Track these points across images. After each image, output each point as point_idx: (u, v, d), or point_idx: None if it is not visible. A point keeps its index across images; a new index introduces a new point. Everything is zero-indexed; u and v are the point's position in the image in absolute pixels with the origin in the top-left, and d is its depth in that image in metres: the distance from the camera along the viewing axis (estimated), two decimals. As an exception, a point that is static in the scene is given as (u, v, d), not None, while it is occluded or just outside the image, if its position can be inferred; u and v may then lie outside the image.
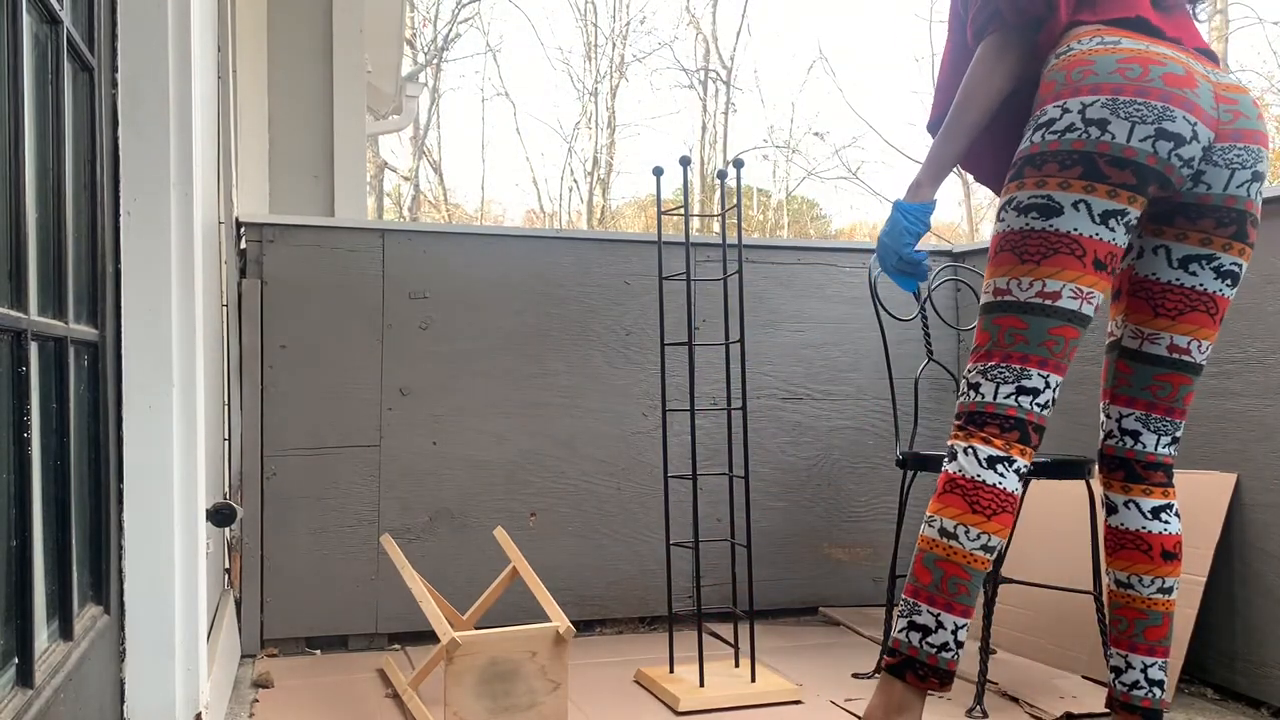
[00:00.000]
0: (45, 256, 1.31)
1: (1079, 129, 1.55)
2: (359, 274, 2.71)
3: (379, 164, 14.94)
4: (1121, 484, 1.75)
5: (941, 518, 1.61)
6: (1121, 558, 1.74)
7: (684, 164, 2.47)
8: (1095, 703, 2.20)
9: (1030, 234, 1.58)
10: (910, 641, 1.61)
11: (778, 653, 2.64)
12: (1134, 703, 1.72)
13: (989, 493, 1.58)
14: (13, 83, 1.13)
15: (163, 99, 1.63)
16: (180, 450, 1.67)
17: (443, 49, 17.67)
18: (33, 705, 1.10)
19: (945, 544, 1.59)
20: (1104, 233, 1.56)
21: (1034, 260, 1.58)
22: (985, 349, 1.63)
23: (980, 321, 1.66)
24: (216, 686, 1.94)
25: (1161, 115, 1.53)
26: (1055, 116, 1.58)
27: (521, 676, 2.00)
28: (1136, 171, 1.54)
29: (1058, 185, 1.56)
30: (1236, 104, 1.61)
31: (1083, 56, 1.59)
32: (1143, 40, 1.58)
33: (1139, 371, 1.73)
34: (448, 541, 2.76)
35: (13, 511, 1.14)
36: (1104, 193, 1.55)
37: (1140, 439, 1.74)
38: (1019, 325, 1.59)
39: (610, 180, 18.90)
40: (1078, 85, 1.57)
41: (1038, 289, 1.58)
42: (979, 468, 1.59)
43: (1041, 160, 1.58)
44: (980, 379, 1.63)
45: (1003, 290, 1.61)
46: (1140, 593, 1.73)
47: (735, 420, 2.75)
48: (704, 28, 18.47)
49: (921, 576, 1.62)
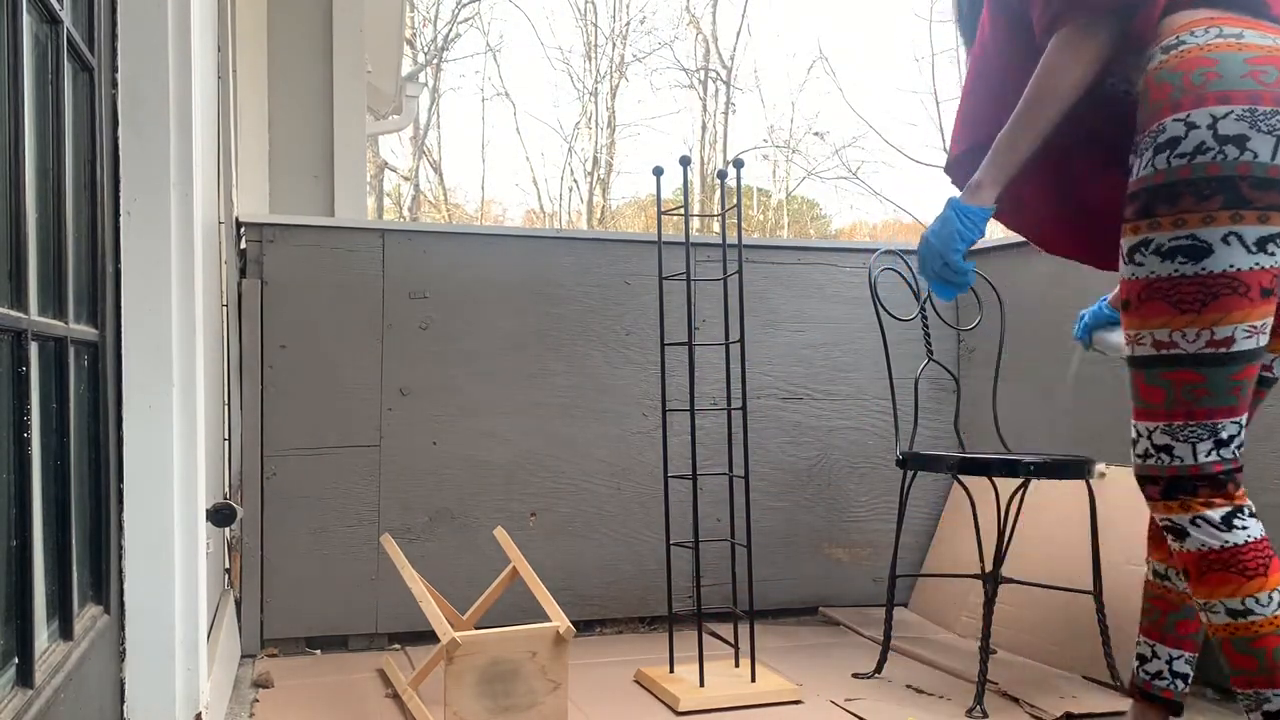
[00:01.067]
0: (45, 256, 1.31)
1: (1212, 149, 1.38)
2: (359, 274, 2.71)
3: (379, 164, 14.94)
4: (1180, 503, 1.62)
5: (1222, 600, 1.48)
6: (1164, 549, 1.71)
7: (684, 164, 2.47)
8: (1095, 703, 2.20)
9: (1182, 280, 1.43)
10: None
11: (778, 653, 2.64)
12: (1155, 692, 1.69)
13: (1249, 551, 1.47)
14: (13, 83, 1.13)
15: (163, 99, 1.63)
16: (180, 450, 1.67)
17: (443, 49, 17.67)
18: (33, 705, 1.10)
19: (1245, 624, 1.46)
20: (1263, 259, 1.41)
21: (1194, 309, 1.43)
22: (1164, 408, 1.50)
23: (1142, 374, 1.53)
24: (216, 686, 1.94)
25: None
26: (1179, 134, 1.40)
27: (521, 676, 2.00)
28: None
29: (1200, 221, 1.40)
30: None
31: (1200, 54, 1.41)
32: (1268, 32, 1.42)
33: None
34: (448, 541, 2.76)
35: (13, 511, 1.14)
36: (1254, 219, 1.39)
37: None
38: (1196, 379, 1.46)
39: (610, 180, 18.89)
40: (1202, 92, 1.39)
41: (1206, 338, 1.44)
42: (1220, 533, 1.48)
43: (1173, 193, 1.41)
44: (1170, 440, 1.51)
45: (1165, 343, 1.47)
46: (1176, 586, 1.70)
47: (735, 420, 2.75)
48: (704, 28, 18.47)
49: (1246, 664, 1.48)
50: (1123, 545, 2.44)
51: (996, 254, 3.06)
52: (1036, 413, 2.87)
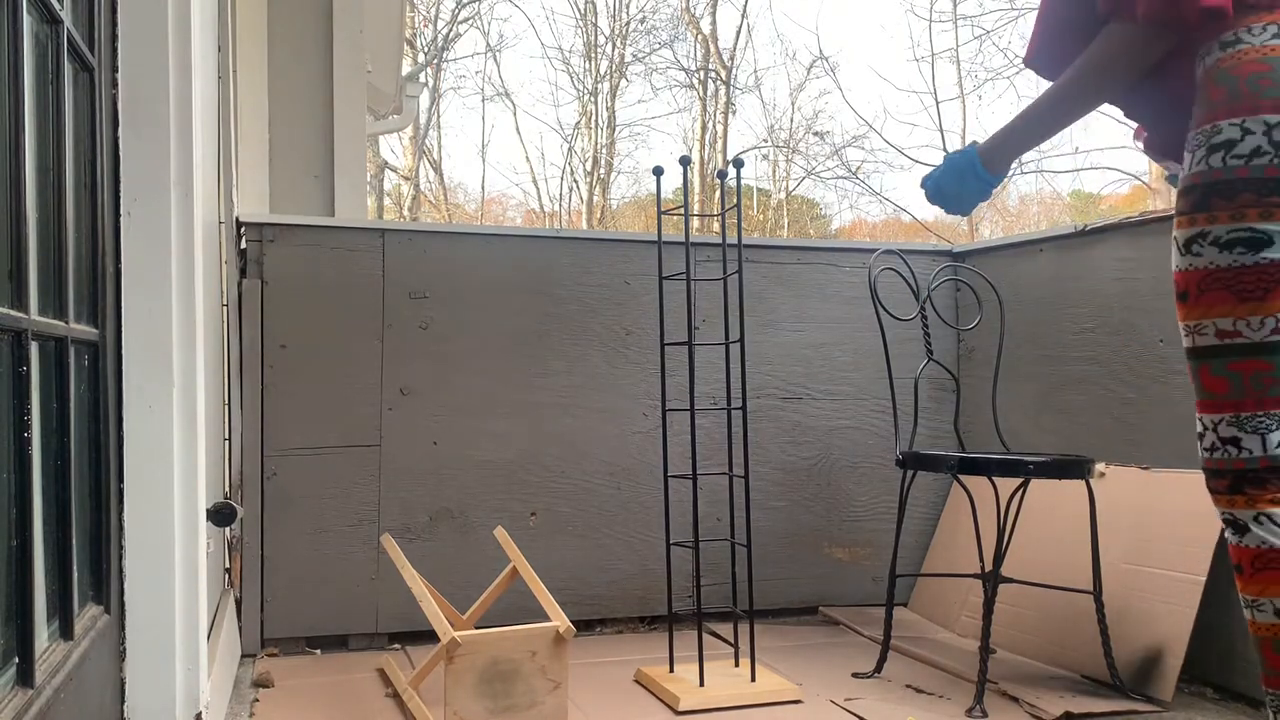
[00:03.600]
0: (45, 256, 1.31)
1: (1269, 153, 1.42)
2: (359, 274, 2.71)
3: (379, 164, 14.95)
4: (1246, 498, 1.53)
5: (1272, 599, 1.47)
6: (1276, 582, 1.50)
7: (684, 164, 2.48)
8: (1095, 703, 2.20)
9: (1243, 270, 1.45)
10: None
11: (778, 652, 2.64)
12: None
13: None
14: (13, 83, 1.13)
15: (163, 99, 1.63)
16: (180, 450, 1.67)
17: (443, 49, 17.68)
18: (33, 705, 1.10)
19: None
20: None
21: (1257, 297, 1.45)
22: (1230, 398, 1.49)
23: (1207, 366, 1.51)
24: (216, 686, 1.94)
25: None
26: (1235, 138, 1.44)
27: (521, 676, 2.00)
28: None
29: (1259, 215, 1.43)
30: None
31: (1256, 58, 1.44)
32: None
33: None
34: (448, 541, 2.76)
35: (13, 511, 1.14)
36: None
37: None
38: (1264, 367, 1.46)
39: (610, 180, 18.89)
40: (1257, 100, 1.42)
41: (1271, 325, 1.45)
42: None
43: (1233, 189, 1.45)
44: (1238, 432, 1.48)
45: (1230, 332, 1.48)
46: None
47: (735, 420, 2.75)
48: (704, 28, 18.47)
49: (1277, 664, 1.49)
50: (1123, 545, 2.44)
51: (996, 254, 3.06)
52: (1036, 413, 2.87)
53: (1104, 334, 2.66)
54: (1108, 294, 2.65)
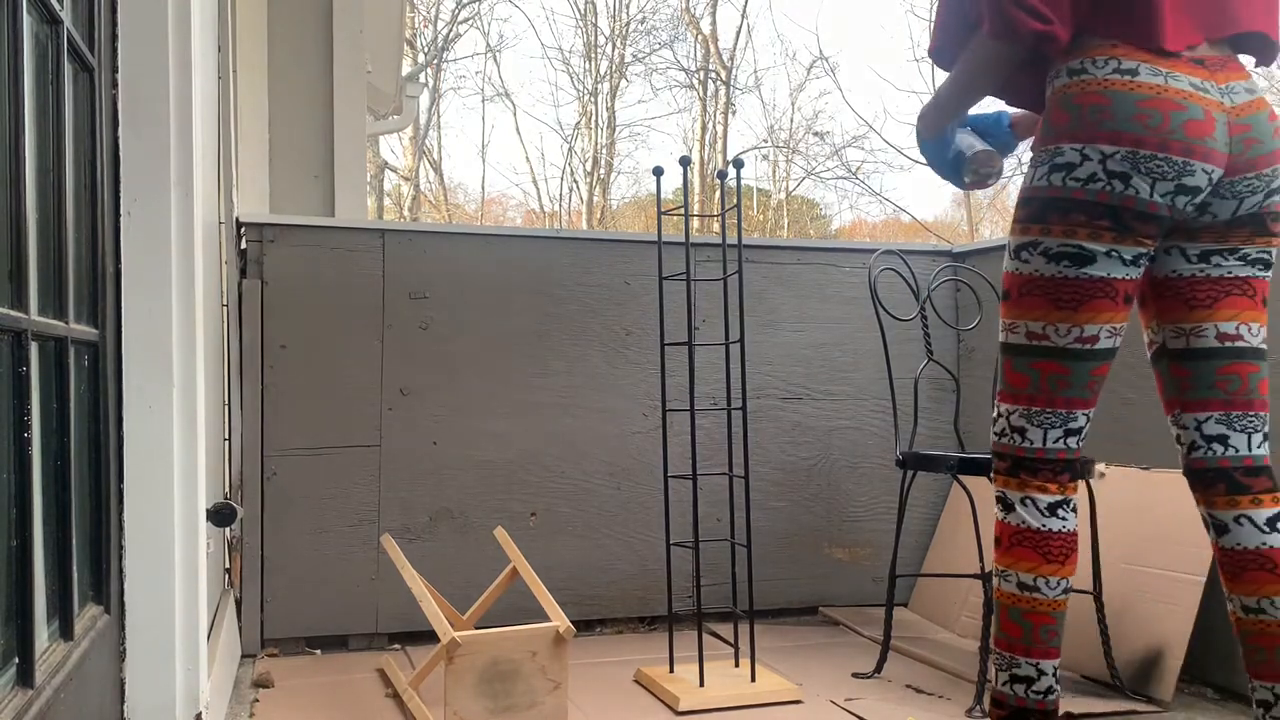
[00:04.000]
0: (45, 256, 1.31)
1: (1102, 180, 1.52)
2: (359, 274, 2.71)
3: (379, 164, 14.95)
4: (1226, 498, 1.61)
5: (1017, 572, 1.62)
6: (1246, 581, 1.58)
7: (684, 164, 2.48)
8: (1095, 702, 2.20)
9: (1065, 281, 1.57)
10: (1016, 693, 1.64)
11: (778, 652, 2.64)
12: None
13: (1058, 539, 1.61)
14: (13, 83, 1.13)
15: (163, 99, 1.63)
16: (180, 450, 1.67)
17: (443, 49, 17.68)
18: (33, 705, 1.10)
19: (1029, 597, 1.61)
20: (1133, 271, 1.58)
21: (1070, 307, 1.57)
22: (1026, 392, 1.63)
23: (1011, 361, 1.64)
24: (216, 686, 1.94)
25: (1181, 171, 1.51)
26: (1075, 161, 1.54)
27: (521, 676, 2.00)
28: (1158, 223, 1.55)
29: (1088, 236, 1.55)
30: (1250, 129, 1.54)
31: (1097, 89, 1.53)
32: (1161, 65, 1.51)
33: (1198, 370, 1.62)
34: (448, 541, 2.76)
35: (13, 511, 1.14)
36: (1131, 241, 1.55)
37: (1229, 442, 1.61)
38: (1062, 370, 1.60)
39: (610, 180, 18.90)
40: (1095, 130, 1.52)
41: (1076, 334, 1.58)
42: (1043, 517, 1.61)
43: (1068, 207, 1.55)
44: (1025, 424, 1.63)
45: (1039, 335, 1.60)
46: (1274, 616, 1.58)
47: (735, 420, 2.75)
48: (704, 28, 18.48)
49: (1011, 630, 1.64)
50: (1123, 545, 2.44)
51: (996, 254, 3.06)
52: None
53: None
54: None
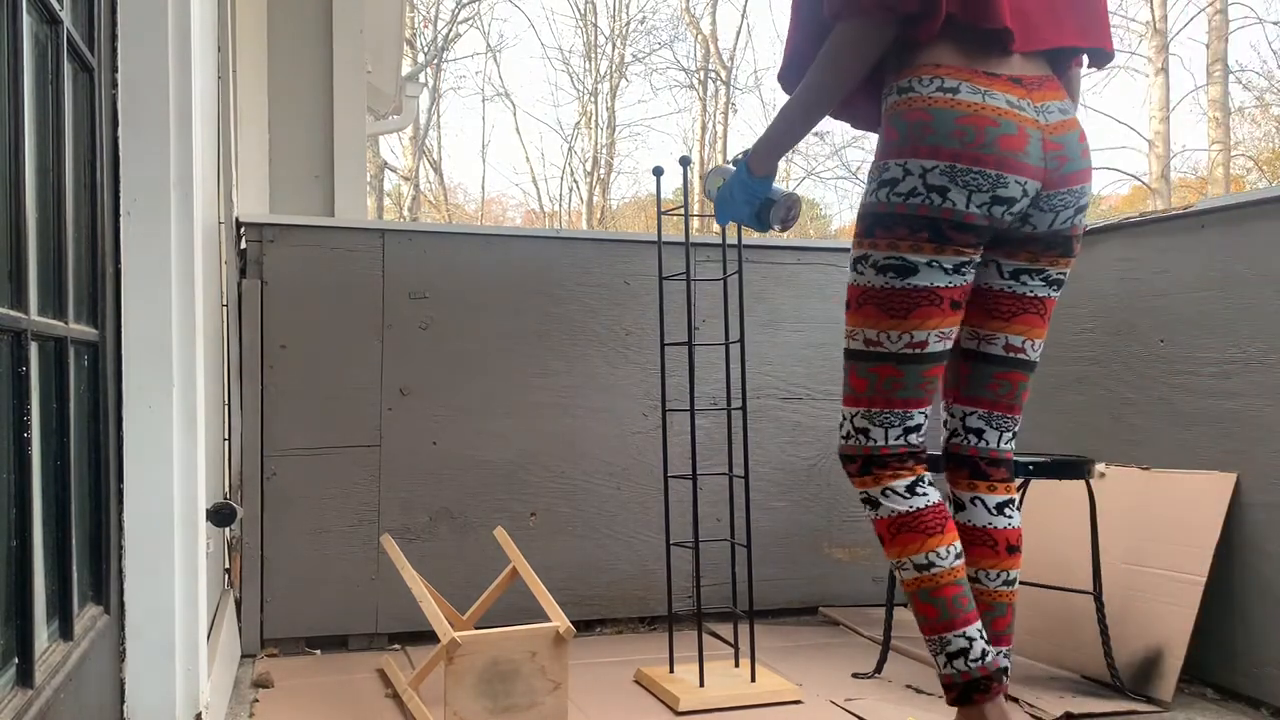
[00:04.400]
0: (45, 256, 1.31)
1: (922, 194, 1.61)
2: (359, 274, 2.71)
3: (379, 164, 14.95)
4: (967, 481, 1.82)
5: (909, 557, 1.70)
6: (970, 554, 1.80)
7: (684, 164, 2.47)
8: (1095, 703, 2.20)
9: (892, 292, 1.66)
10: (959, 669, 1.70)
11: (778, 653, 2.64)
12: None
13: (929, 514, 1.69)
14: (13, 83, 1.13)
15: (163, 99, 1.63)
16: (180, 450, 1.67)
17: (443, 49, 17.68)
18: (33, 705, 1.10)
19: (930, 575, 1.68)
20: (956, 279, 1.66)
21: (900, 315, 1.67)
22: (866, 395, 1.73)
23: (854, 367, 1.74)
24: (216, 686, 1.94)
25: (995, 183, 1.60)
26: (898, 177, 1.63)
27: (521, 676, 2.00)
28: (976, 232, 1.64)
29: (909, 249, 1.64)
30: (1062, 149, 1.66)
31: (922, 107, 1.62)
32: (980, 84, 1.61)
33: (977, 370, 1.80)
34: (448, 541, 2.76)
35: (13, 511, 1.14)
36: (951, 251, 1.64)
37: (984, 436, 1.81)
38: (896, 374, 1.70)
39: (610, 180, 18.90)
40: (917, 145, 1.61)
41: (906, 340, 1.68)
42: (907, 499, 1.70)
43: (892, 222, 1.64)
44: (868, 424, 1.73)
45: (874, 341, 1.70)
46: (988, 586, 1.79)
47: (735, 420, 2.75)
48: (704, 28, 18.48)
49: (929, 612, 1.70)
50: (1123, 545, 2.44)
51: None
52: (1036, 413, 2.87)
53: (1104, 334, 2.66)
54: (1108, 294, 2.65)
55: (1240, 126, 15.84)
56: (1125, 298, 2.60)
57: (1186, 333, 2.42)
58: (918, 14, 1.59)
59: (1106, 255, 2.66)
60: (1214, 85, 14.27)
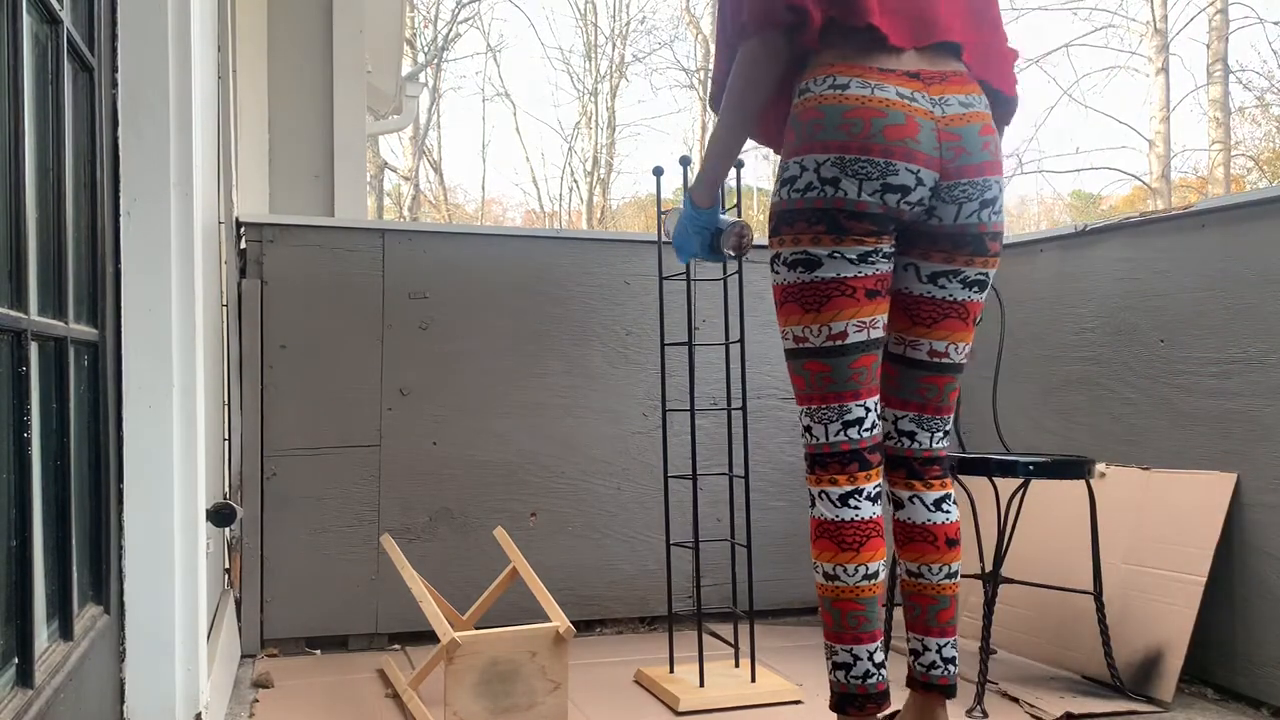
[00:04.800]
0: (45, 256, 1.31)
1: (817, 187, 1.66)
2: (359, 274, 2.71)
3: (379, 164, 14.95)
4: (904, 481, 1.84)
5: (821, 563, 1.73)
6: (911, 550, 1.83)
7: (684, 164, 2.47)
8: (1095, 703, 2.20)
9: (804, 286, 1.69)
10: (839, 680, 1.75)
11: (778, 653, 2.64)
12: (932, 681, 1.82)
13: (850, 528, 1.70)
14: (13, 83, 1.13)
15: (163, 99, 1.63)
16: (180, 450, 1.67)
17: (443, 49, 17.68)
18: (33, 705, 1.10)
19: (832, 586, 1.72)
20: (865, 268, 1.68)
21: (815, 309, 1.69)
22: (805, 393, 1.75)
23: (791, 366, 1.77)
24: (216, 686, 1.94)
25: (885, 171, 1.63)
26: (796, 174, 1.68)
27: (521, 676, 2.00)
28: (873, 219, 1.66)
29: (810, 241, 1.67)
30: (959, 139, 1.68)
31: (814, 105, 1.67)
32: (871, 79, 1.65)
33: (904, 375, 1.81)
34: (448, 541, 2.76)
35: (13, 511, 1.14)
36: (851, 241, 1.66)
37: (916, 438, 1.83)
38: (824, 369, 1.71)
39: (610, 180, 18.90)
40: (810, 141, 1.66)
41: (826, 333, 1.70)
42: (836, 508, 1.72)
43: (792, 218, 1.69)
44: (810, 421, 1.76)
45: (800, 338, 1.73)
46: (930, 580, 1.82)
47: (735, 420, 2.75)
48: (704, 28, 18.48)
49: (826, 620, 1.75)
50: (1123, 545, 2.44)
51: (996, 254, 3.06)
52: (1037, 413, 2.87)
53: (1104, 334, 2.66)
54: (1108, 294, 2.65)
55: (1240, 126, 15.83)
56: (1125, 298, 2.60)
57: (1186, 333, 2.42)
58: (795, 23, 1.66)
59: (1106, 255, 2.66)
60: (1214, 85, 14.27)
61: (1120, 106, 30.49)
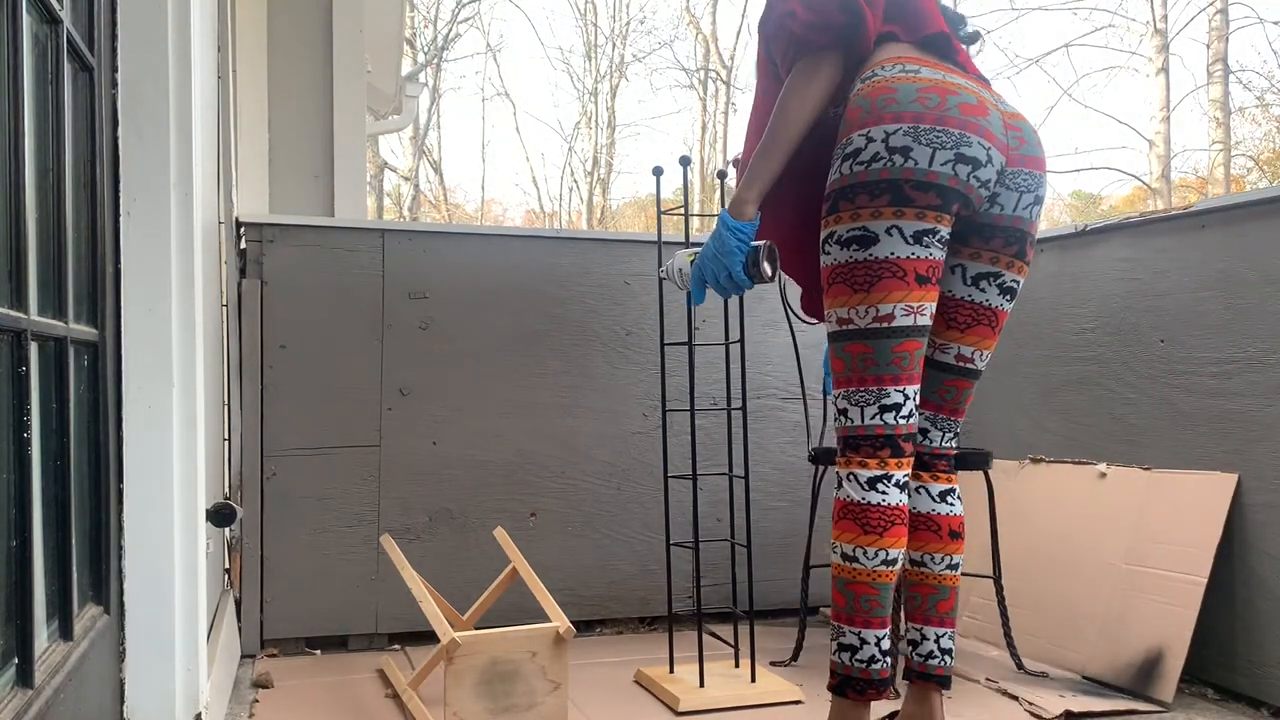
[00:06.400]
0: (45, 256, 1.31)
1: (884, 157, 1.65)
2: (359, 274, 2.71)
3: (379, 164, 14.95)
4: (913, 472, 1.85)
5: (841, 544, 1.74)
6: (915, 539, 1.85)
7: (684, 164, 2.47)
8: (1095, 702, 2.20)
9: (855, 265, 1.69)
10: (843, 661, 1.74)
11: (778, 653, 2.64)
12: (930, 672, 1.84)
13: (876, 512, 1.71)
14: (13, 83, 1.13)
15: (163, 99, 1.63)
16: (180, 450, 1.67)
17: (443, 49, 17.68)
18: (33, 705, 1.10)
19: (850, 567, 1.72)
20: (919, 250, 1.67)
21: (863, 289, 1.69)
22: (844, 375, 1.75)
23: (833, 349, 1.76)
24: (216, 686, 1.94)
25: (959, 141, 1.64)
26: (861, 146, 1.67)
27: (521, 676, 2.00)
28: (940, 193, 1.65)
29: (870, 216, 1.66)
30: (1020, 131, 1.73)
31: (885, 84, 1.68)
32: (939, 69, 1.71)
33: (929, 376, 1.84)
34: (448, 541, 2.76)
35: (13, 511, 1.14)
36: (913, 215, 1.65)
37: (929, 436, 1.87)
38: (866, 350, 1.71)
39: (610, 180, 18.90)
40: (880, 113, 1.66)
41: (873, 315, 1.69)
42: (862, 491, 1.72)
43: (853, 193, 1.67)
44: (847, 404, 1.75)
45: (845, 320, 1.72)
46: (932, 570, 1.85)
47: (735, 420, 2.75)
48: (704, 27, 18.47)
49: (838, 600, 1.75)
50: (1123, 545, 2.44)
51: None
52: (1037, 413, 2.87)
53: (1104, 334, 2.66)
54: (1108, 294, 2.65)
55: (1240, 126, 15.83)
56: (1125, 298, 2.60)
57: (1186, 333, 2.42)
58: (846, 23, 1.69)
59: (1106, 255, 2.66)
60: (1214, 85, 14.27)
61: (1120, 106, 30.48)
